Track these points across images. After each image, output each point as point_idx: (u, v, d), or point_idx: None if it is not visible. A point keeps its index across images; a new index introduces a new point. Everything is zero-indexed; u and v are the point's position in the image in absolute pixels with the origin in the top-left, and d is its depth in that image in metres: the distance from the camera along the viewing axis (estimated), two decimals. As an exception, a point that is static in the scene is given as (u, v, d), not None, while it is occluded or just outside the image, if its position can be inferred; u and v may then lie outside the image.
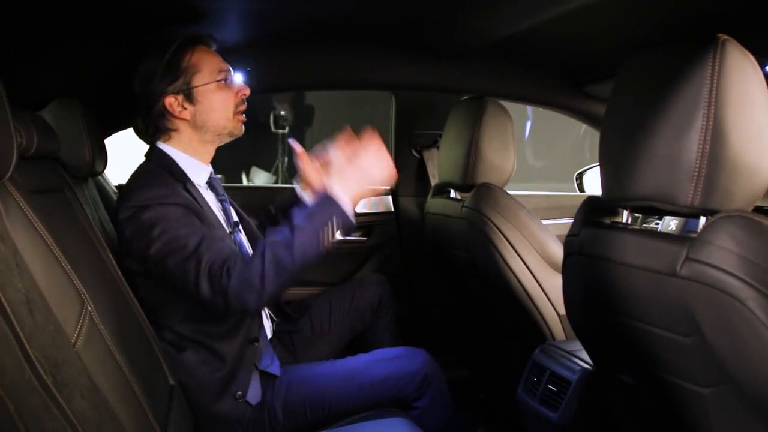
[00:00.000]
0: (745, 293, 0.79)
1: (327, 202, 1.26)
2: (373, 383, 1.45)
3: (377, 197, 2.28)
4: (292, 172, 4.36)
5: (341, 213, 1.26)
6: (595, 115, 2.18)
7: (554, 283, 1.62)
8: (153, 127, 1.43)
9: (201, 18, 1.52)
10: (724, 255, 0.81)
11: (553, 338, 1.64)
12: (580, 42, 1.70)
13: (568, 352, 1.47)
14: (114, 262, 1.24)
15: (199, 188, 1.42)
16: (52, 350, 0.74)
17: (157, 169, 1.39)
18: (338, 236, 1.27)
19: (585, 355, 1.39)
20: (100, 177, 1.78)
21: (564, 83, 2.11)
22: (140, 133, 1.48)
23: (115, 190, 2.03)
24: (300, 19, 1.63)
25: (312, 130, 4.52)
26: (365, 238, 2.25)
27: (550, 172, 4.71)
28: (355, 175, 1.29)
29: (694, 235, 0.87)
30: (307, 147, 1.59)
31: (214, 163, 1.51)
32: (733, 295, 0.80)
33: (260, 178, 4.19)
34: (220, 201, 1.49)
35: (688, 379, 0.96)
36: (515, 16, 1.48)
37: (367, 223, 2.25)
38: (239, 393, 1.37)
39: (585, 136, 4.76)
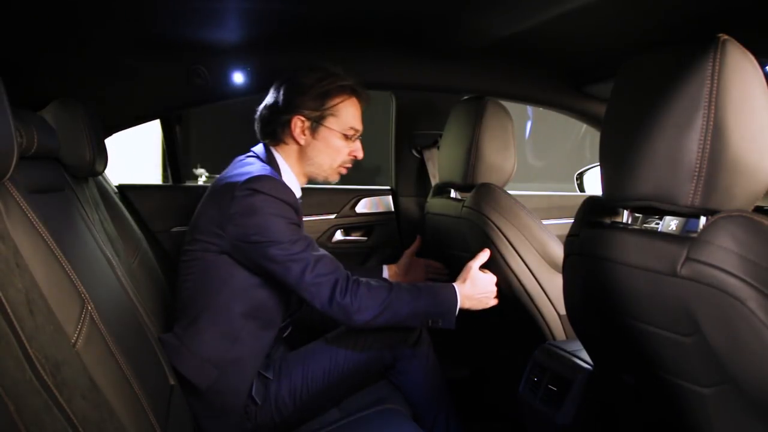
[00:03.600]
0: (745, 293, 0.79)
1: (452, 300, 1.44)
2: (362, 337, 1.53)
3: (378, 197, 2.28)
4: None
5: (452, 314, 1.43)
6: (595, 115, 2.18)
7: (554, 283, 1.62)
8: (271, 128, 1.51)
9: (201, 18, 1.52)
10: (724, 255, 0.81)
11: (554, 338, 1.64)
12: (580, 42, 1.70)
13: (568, 352, 1.47)
14: (114, 261, 1.24)
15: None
16: (52, 350, 0.74)
17: (273, 172, 1.46)
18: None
19: (585, 355, 1.39)
20: (100, 177, 1.78)
21: (564, 83, 2.11)
22: (260, 123, 1.54)
23: (116, 190, 2.03)
24: (300, 19, 1.63)
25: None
26: (365, 238, 2.25)
27: (551, 172, 4.71)
28: (480, 294, 1.48)
29: (695, 235, 0.87)
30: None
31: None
32: (733, 295, 0.80)
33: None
34: None
35: (688, 379, 0.96)
36: (515, 16, 1.48)
37: (367, 223, 2.25)
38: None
39: (585, 136, 4.76)
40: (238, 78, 1.91)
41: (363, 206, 2.25)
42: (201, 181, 3.76)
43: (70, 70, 1.61)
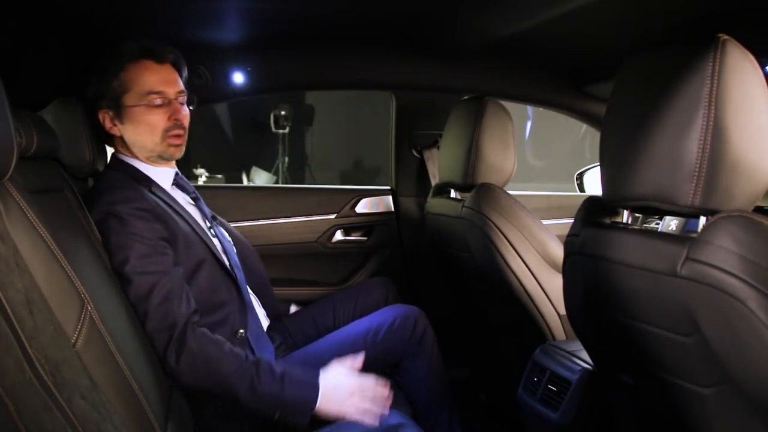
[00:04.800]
0: (745, 293, 0.79)
1: (309, 387, 1.24)
2: (366, 336, 1.50)
3: (378, 197, 2.28)
4: (293, 172, 4.36)
5: (308, 409, 1.23)
6: (595, 115, 2.18)
7: (554, 283, 1.62)
8: (97, 134, 1.42)
9: (201, 18, 1.52)
10: (724, 255, 0.81)
11: (554, 338, 1.64)
12: (580, 42, 1.70)
13: (568, 352, 1.47)
14: (114, 262, 1.24)
15: (166, 190, 1.42)
16: (52, 350, 0.74)
17: (121, 175, 1.40)
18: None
19: (585, 355, 1.39)
20: (100, 177, 1.78)
21: (564, 83, 2.11)
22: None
23: (116, 190, 2.03)
24: (299, 19, 1.63)
25: (312, 130, 4.52)
26: (365, 238, 2.25)
27: (551, 172, 4.71)
28: (348, 390, 1.25)
29: (695, 235, 0.87)
30: (308, 146, 1.60)
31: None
32: (733, 295, 0.80)
33: (261, 178, 4.18)
34: (193, 199, 1.50)
35: (688, 379, 0.96)
36: (515, 16, 1.48)
37: (367, 223, 2.25)
38: None
39: (585, 136, 4.76)
40: (238, 78, 1.91)
41: (363, 206, 2.25)
42: (201, 181, 3.76)
43: (70, 70, 1.61)
